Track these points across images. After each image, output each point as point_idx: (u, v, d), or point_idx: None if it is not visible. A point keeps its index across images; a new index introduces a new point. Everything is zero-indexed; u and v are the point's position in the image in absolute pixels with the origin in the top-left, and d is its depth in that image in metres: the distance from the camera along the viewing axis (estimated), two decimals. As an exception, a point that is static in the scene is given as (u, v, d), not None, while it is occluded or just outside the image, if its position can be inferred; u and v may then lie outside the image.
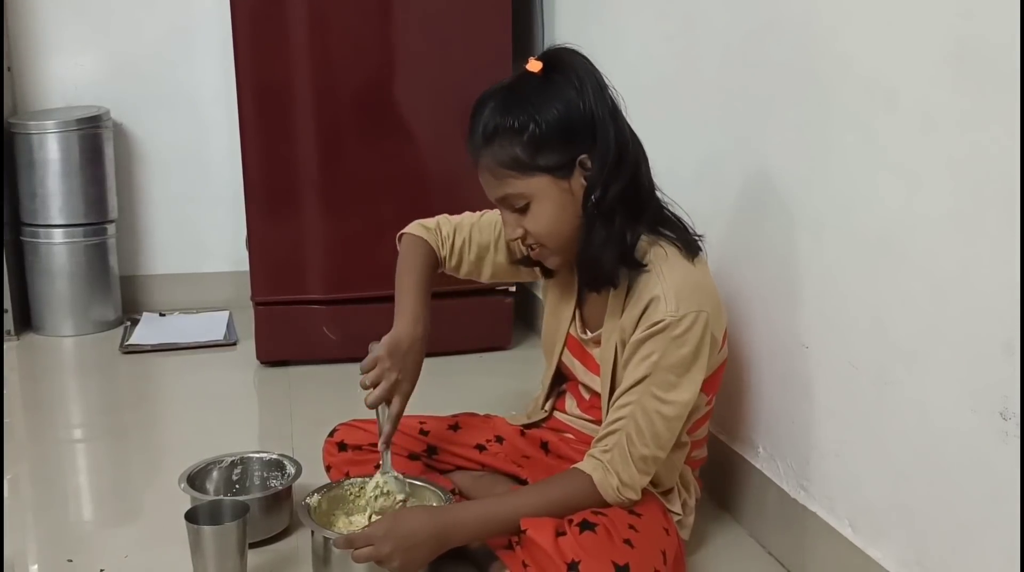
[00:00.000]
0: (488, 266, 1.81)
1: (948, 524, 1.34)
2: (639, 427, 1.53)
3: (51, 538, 1.89)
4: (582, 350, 1.72)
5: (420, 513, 1.55)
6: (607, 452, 1.54)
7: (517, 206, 1.56)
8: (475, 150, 1.57)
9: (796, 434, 1.67)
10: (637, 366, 1.53)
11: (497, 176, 1.55)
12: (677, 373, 1.52)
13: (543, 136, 1.51)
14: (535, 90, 1.53)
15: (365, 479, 1.70)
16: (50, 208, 2.96)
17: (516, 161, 1.52)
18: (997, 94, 1.19)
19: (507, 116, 1.53)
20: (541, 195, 1.54)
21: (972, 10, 1.23)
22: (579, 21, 2.57)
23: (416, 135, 2.67)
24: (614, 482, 1.53)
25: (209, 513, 1.64)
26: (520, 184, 1.54)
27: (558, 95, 1.52)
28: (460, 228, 1.82)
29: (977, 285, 1.25)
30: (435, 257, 1.80)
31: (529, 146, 1.51)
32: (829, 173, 1.54)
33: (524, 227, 1.57)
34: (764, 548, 1.77)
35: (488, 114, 1.55)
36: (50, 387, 2.73)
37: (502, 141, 1.53)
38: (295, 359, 2.73)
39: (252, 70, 2.58)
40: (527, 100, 1.52)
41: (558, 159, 1.52)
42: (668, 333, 1.50)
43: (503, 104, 1.54)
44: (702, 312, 1.51)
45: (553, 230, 1.56)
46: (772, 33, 1.67)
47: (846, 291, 1.52)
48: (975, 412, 1.26)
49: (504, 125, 1.53)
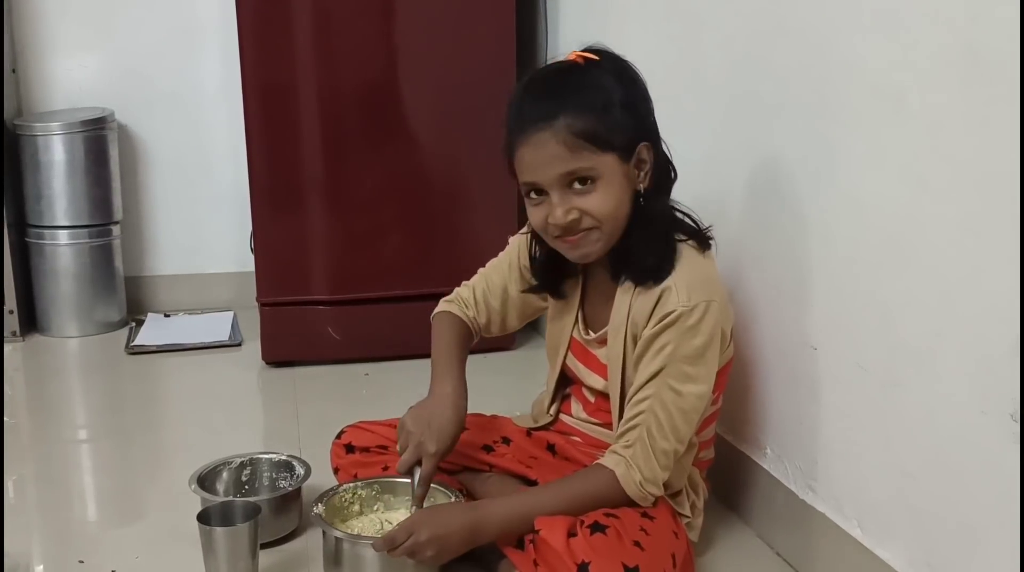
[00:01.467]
0: (512, 308, 1.81)
1: (957, 525, 1.35)
2: (659, 420, 1.53)
3: (60, 539, 1.90)
4: (585, 352, 1.72)
5: (449, 507, 1.58)
6: (629, 447, 1.54)
7: (581, 184, 1.52)
8: (540, 118, 1.50)
9: (804, 435, 1.68)
10: (652, 359, 1.54)
11: (571, 147, 1.49)
12: (692, 363, 1.53)
13: (619, 113, 1.50)
14: (601, 70, 1.53)
15: (358, 484, 1.72)
16: (55, 209, 2.96)
17: (594, 134, 1.49)
18: (1004, 96, 1.19)
19: (580, 89, 1.51)
20: (609, 174, 1.51)
21: (979, 13, 1.23)
22: (583, 23, 2.58)
23: (421, 135, 2.67)
24: (637, 477, 1.53)
25: (221, 514, 1.64)
26: (595, 159, 1.50)
27: (621, 79, 1.53)
28: (477, 284, 1.83)
29: (986, 286, 1.26)
30: (465, 326, 1.81)
31: (605, 121, 1.49)
32: (837, 175, 1.55)
33: (582, 207, 1.52)
34: (772, 549, 1.78)
35: (560, 83, 1.53)
36: (56, 388, 2.73)
37: (577, 110, 1.49)
38: (300, 360, 2.73)
39: (257, 71, 2.58)
40: (595, 79, 1.52)
41: (626, 141, 1.52)
42: (681, 324, 1.51)
43: (571, 80, 1.52)
44: (712, 302, 1.53)
45: (614, 213, 1.53)
46: (779, 35, 1.68)
47: (854, 292, 1.52)
48: (984, 413, 1.27)
49: (582, 96, 1.50)
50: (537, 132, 1.50)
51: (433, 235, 2.72)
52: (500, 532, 1.55)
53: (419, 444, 1.63)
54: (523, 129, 1.52)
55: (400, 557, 1.51)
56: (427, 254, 2.73)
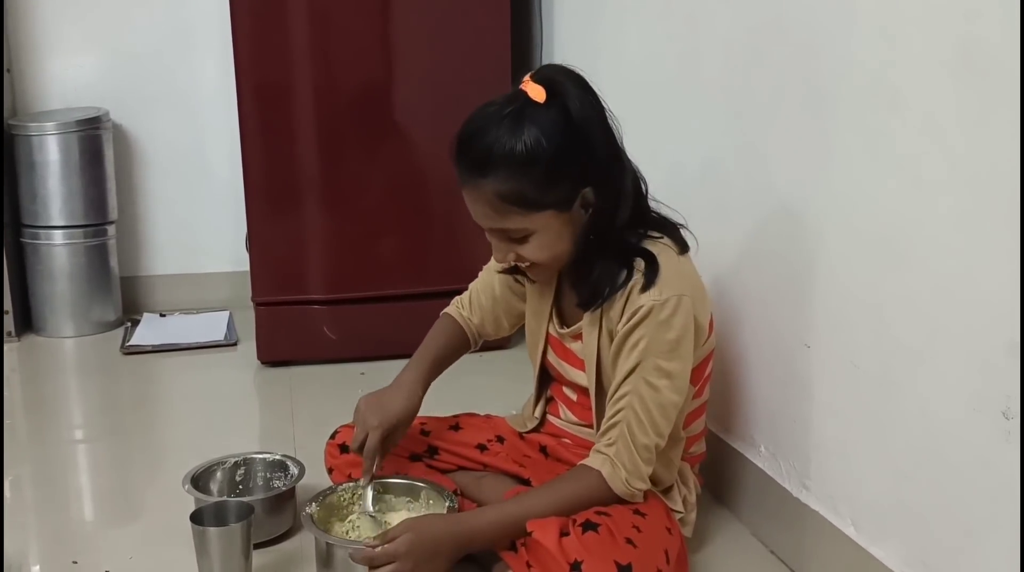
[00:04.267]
0: (499, 307, 1.82)
1: (950, 523, 1.35)
2: (638, 416, 1.53)
3: (55, 539, 1.89)
4: (563, 347, 1.72)
5: (438, 523, 1.55)
6: (611, 445, 1.55)
7: (514, 238, 1.53)
8: (469, 175, 1.49)
9: (798, 433, 1.68)
10: (628, 356, 1.54)
11: (498, 210, 1.48)
12: (667, 357, 1.53)
13: (551, 173, 1.45)
14: (540, 121, 1.45)
15: (358, 483, 1.72)
16: (50, 209, 2.96)
17: (522, 197, 1.46)
18: (1000, 95, 1.19)
19: (512, 149, 1.44)
20: (544, 227, 1.50)
21: (976, 10, 1.23)
22: (579, 22, 2.58)
23: (416, 135, 2.67)
24: (622, 474, 1.53)
25: (214, 514, 1.64)
26: (523, 220, 1.49)
27: (564, 127, 1.45)
28: (474, 284, 1.86)
29: (980, 284, 1.26)
30: (458, 331, 1.83)
31: (537, 183, 1.45)
32: (832, 173, 1.54)
33: (519, 253, 1.54)
34: (767, 547, 1.78)
35: (489, 140, 1.46)
36: (51, 388, 2.73)
37: (506, 174, 1.45)
38: (296, 359, 2.73)
39: (252, 70, 2.58)
40: (533, 132, 1.44)
41: (564, 194, 1.49)
42: (654, 317, 1.51)
43: (507, 133, 1.45)
44: (684, 296, 1.52)
45: (552, 256, 1.54)
46: (775, 33, 1.68)
47: (848, 290, 1.52)
48: (977, 412, 1.27)
49: (510, 158, 1.44)
50: (467, 186, 1.50)
51: (428, 235, 2.72)
52: (489, 543, 1.56)
53: (363, 420, 1.68)
54: (459, 175, 1.51)
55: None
56: (422, 254, 2.73)
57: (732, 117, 1.84)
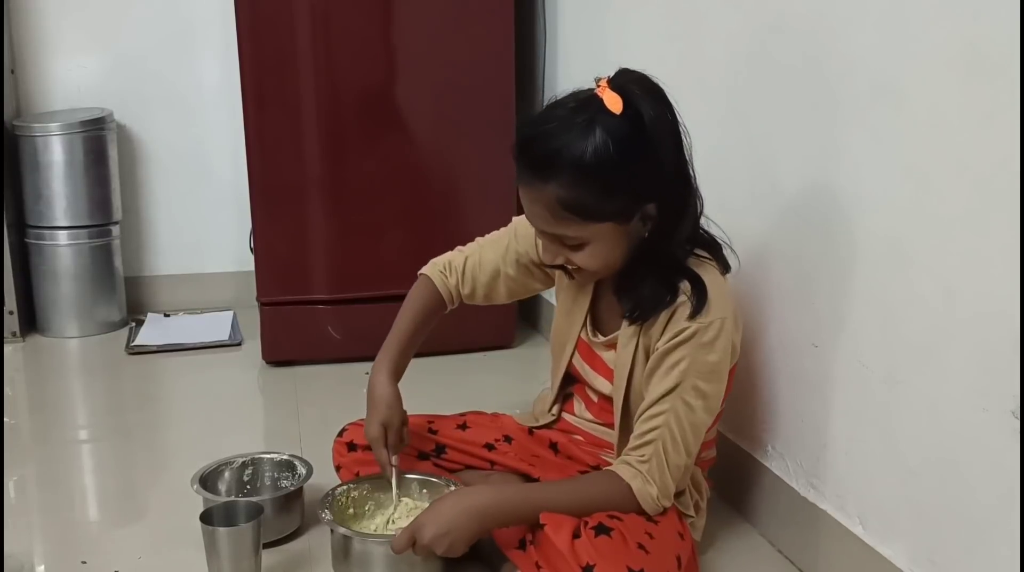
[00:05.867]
0: (502, 284, 1.81)
1: (959, 522, 1.35)
2: (674, 436, 1.53)
3: (63, 539, 1.89)
4: (591, 353, 1.72)
5: (459, 497, 1.55)
6: (645, 462, 1.54)
7: (568, 244, 1.50)
8: (530, 176, 1.44)
9: (806, 433, 1.68)
10: (666, 375, 1.53)
11: (556, 216, 1.44)
12: (706, 379, 1.53)
13: (616, 186, 1.42)
14: (612, 131, 1.40)
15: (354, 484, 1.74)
16: (54, 210, 2.96)
17: (583, 207, 1.42)
18: (1005, 93, 1.19)
19: (580, 158, 1.40)
20: (599, 238, 1.47)
21: (980, 10, 1.24)
22: (582, 21, 2.58)
23: (420, 134, 2.67)
24: (653, 492, 1.53)
25: (224, 514, 1.65)
26: (580, 229, 1.45)
27: (635, 141, 1.41)
28: (470, 254, 1.83)
29: (987, 283, 1.26)
30: (437, 298, 1.82)
31: (600, 194, 1.42)
32: (838, 173, 1.55)
33: (569, 258, 1.51)
34: (775, 547, 1.78)
35: (556, 145, 1.41)
36: (56, 388, 2.73)
37: (570, 182, 1.41)
38: (300, 359, 2.74)
39: (256, 70, 2.58)
40: (604, 143, 1.40)
41: (626, 207, 1.46)
42: (697, 339, 1.51)
43: (577, 140, 1.41)
44: (726, 318, 1.52)
45: (601, 266, 1.52)
46: (779, 33, 1.68)
47: (856, 290, 1.52)
48: (986, 411, 1.27)
49: (576, 167, 1.40)
50: (527, 186, 1.47)
51: (432, 234, 2.71)
52: (510, 520, 1.54)
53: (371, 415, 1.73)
54: (519, 171, 1.47)
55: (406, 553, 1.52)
56: (426, 253, 2.68)
57: (736, 117, 1.85)
